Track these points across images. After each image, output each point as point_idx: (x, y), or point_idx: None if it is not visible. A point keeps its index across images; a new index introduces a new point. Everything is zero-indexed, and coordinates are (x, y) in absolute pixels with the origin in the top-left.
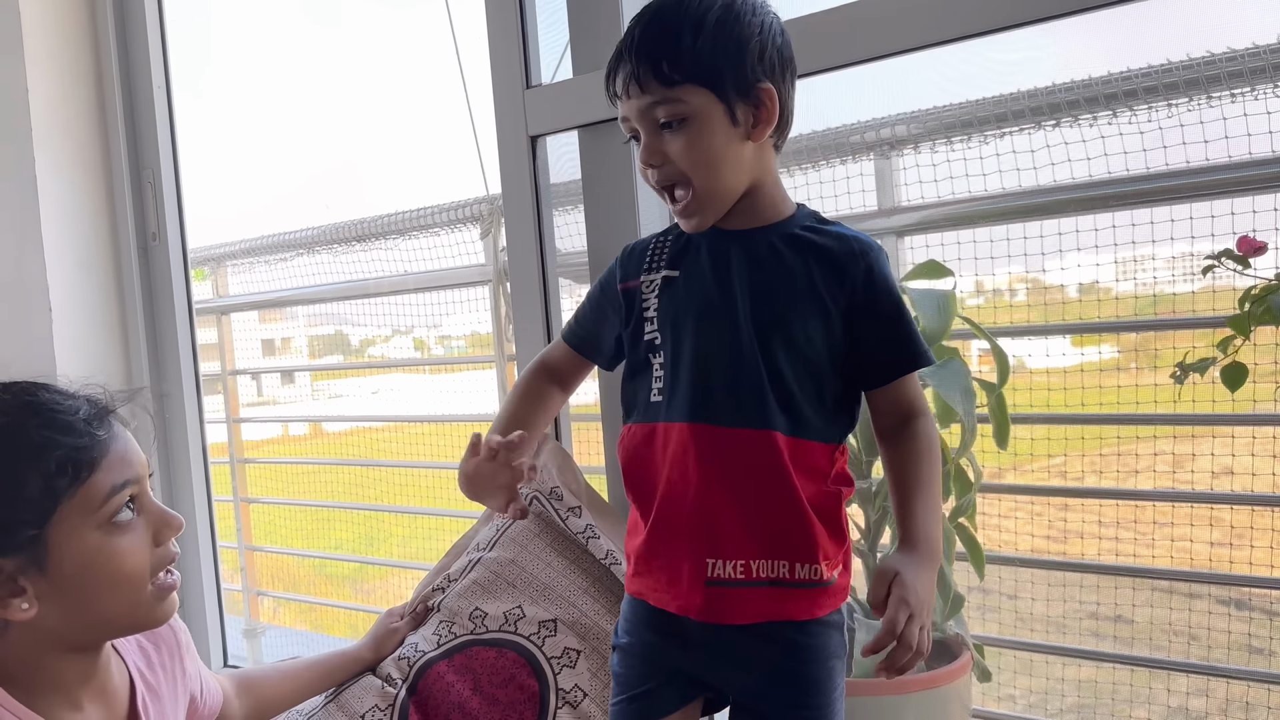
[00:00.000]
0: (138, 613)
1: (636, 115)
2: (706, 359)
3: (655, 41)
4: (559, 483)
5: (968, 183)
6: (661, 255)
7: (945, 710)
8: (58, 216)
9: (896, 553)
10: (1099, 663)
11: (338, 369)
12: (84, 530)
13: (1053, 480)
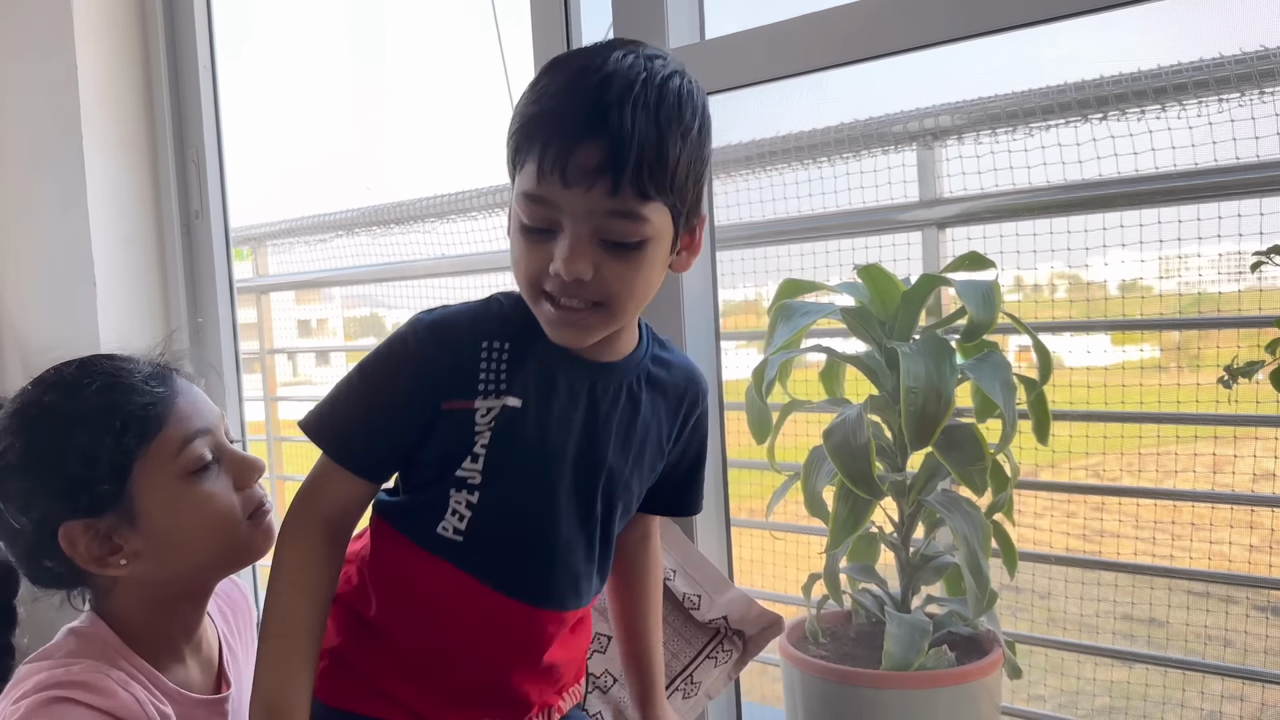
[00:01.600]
0: (235, 551)
1: (581, 213)
2: (565, 547)
3: (649, 139)
4: None
5: (1011, 175)
6: (499, 374)
7: (975, 706)
8: (103, 194)
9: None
10: (1131, 665)
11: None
12: (165, 482)
13: (1088, 480)
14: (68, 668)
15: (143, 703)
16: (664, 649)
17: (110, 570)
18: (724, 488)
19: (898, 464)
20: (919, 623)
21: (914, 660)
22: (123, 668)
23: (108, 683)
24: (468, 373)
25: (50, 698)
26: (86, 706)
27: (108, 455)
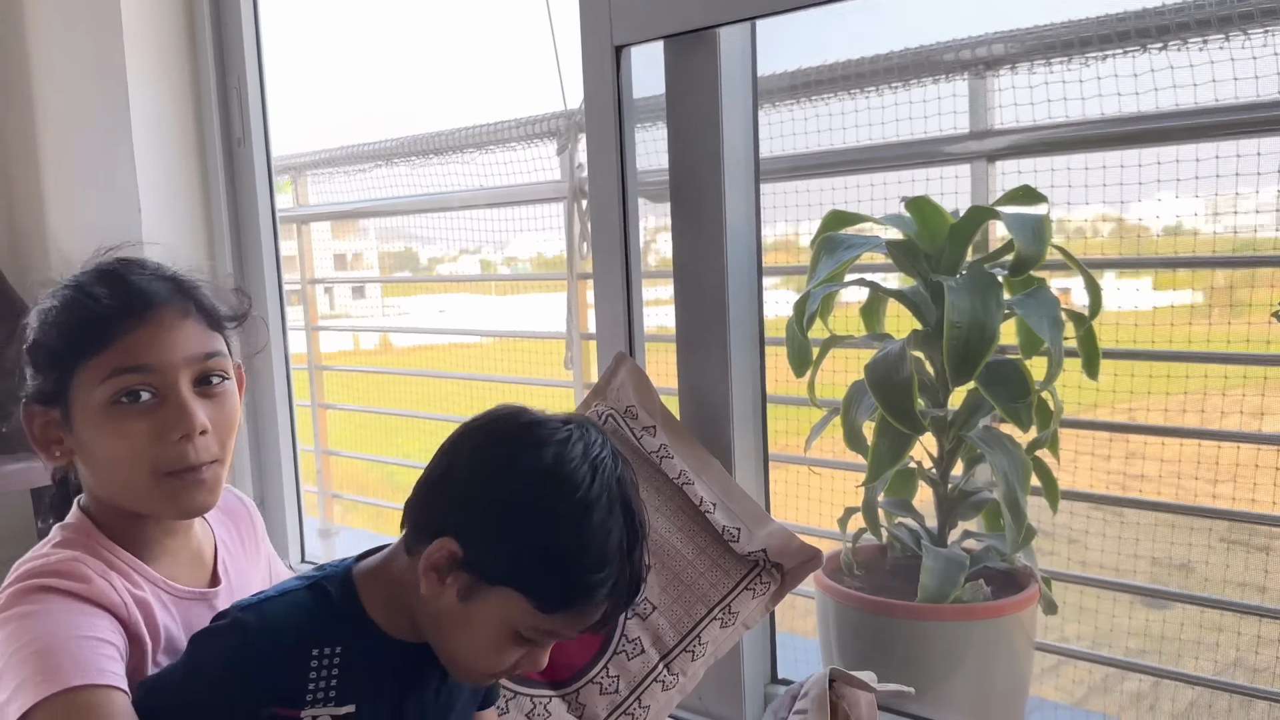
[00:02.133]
0: (143, 500)
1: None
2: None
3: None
4: (634, 401)
5: (1065, 107)
6: (329, 682)
7: (1010, 640)
8: (147, 121)
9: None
10: (1163, 607)
11: (414, 281)
12: (91, 402)
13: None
14: (47, 558)
15: (119, 590)
16: (703, 580)
17: (51, 459)
18: (762, 423)
19: (939, 399)
20: (956, 556)
21: (950, 593)
22: (103, 557)
23: (84, 570)
24: (295, 681)
25: (29, 586)
26: (62, 592)
27: (49, 355)
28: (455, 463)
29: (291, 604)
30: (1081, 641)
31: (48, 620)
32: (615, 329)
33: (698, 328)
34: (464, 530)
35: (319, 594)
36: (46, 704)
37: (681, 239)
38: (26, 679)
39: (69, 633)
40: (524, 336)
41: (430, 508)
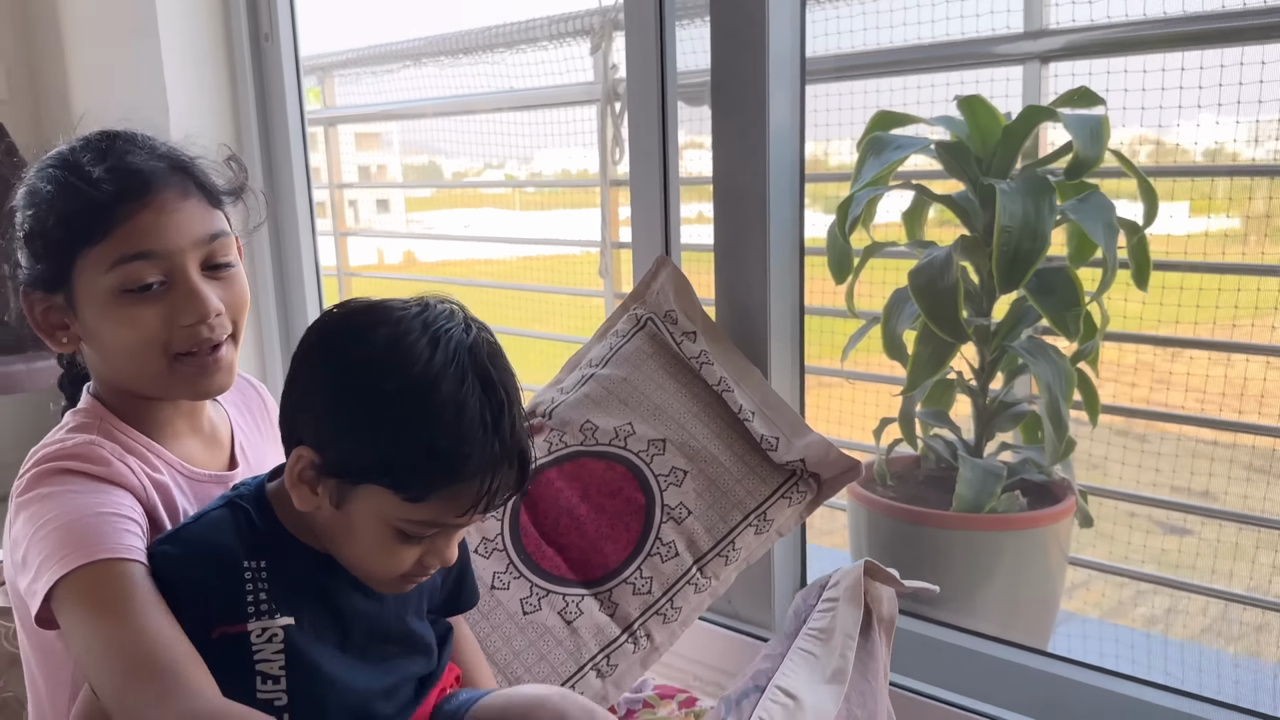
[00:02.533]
0: (157, 384)
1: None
2: (387, 698)
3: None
4: (674, 306)
5: (1125, 6)
6: (264, 594)
7: (1044, 551)
8: (174, 15)
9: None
10: (1182, 535)
11: (441, 186)
12: (99, 288)
13: (1160, 353)
14: (63, 443)
15: (136, 472)
16: (739, 487)
17: (56, 345)
18: (800, 335)
19: (983, 309)
20: (993, 467)
21: (985, 504)
22: (119, 440)
23: (101, 452)
24: (232, 596)
25: (46, 469)
26: (80, 474)
27: (45, 245)
28: (297, 367)
29: (210, 524)
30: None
31: (67, 500)
32: (651, 236)
33: (737, 236)
34: (315, 435)
35: (236, 511)
36: (70, 579)
37: (722, 142)
38: (49, 556)
39: (89, 510)
40: (553, 243)
41: (284, 421)
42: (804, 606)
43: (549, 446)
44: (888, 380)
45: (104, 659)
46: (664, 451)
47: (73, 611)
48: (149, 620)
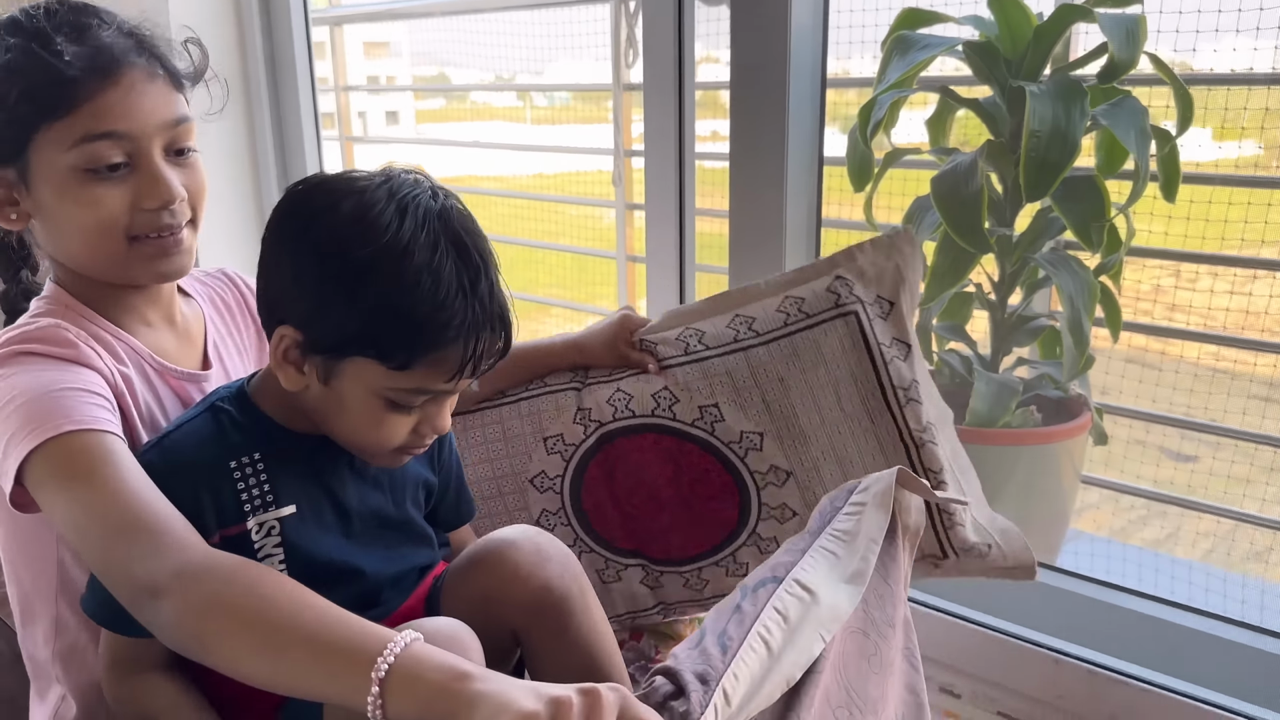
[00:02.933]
0: (113, 266)
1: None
2: (386, 585)
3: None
4: (899, 299)
5: None
6: (262, 488)
7: (1056, 468)
8: None
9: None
10: (1189, 462)
11: (453, 90)
12: (58, 165)
13: (1179, 278)
14: (25, 327)
15: (103, 357)
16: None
17: (4, 220)
18: (816, 246)
19: (1006, 218)
20: (1009, 381)
21: (999, 418)
22: (84, 327)
23: (67, 335)
24: (227, 498)
25: (9, 352)
26: (46, 356)
27: (6, 116)
28: (268, 249)
29: (193, 431)
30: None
31: (31, 377)
32: (665, 144)
33: (754, 139)
34: (294, 313)
35: (218, 414)
36: (40, 453)
37: (741, 38)
38: (15, 433)
39: (54, 386)
40: (566, 150)
41: (262, 305)
42: (830, 508)
43: (656, 402)
44: None
45: (87, 525)
46: (783, 485)
47: (48, 485)
48: (128, 482)
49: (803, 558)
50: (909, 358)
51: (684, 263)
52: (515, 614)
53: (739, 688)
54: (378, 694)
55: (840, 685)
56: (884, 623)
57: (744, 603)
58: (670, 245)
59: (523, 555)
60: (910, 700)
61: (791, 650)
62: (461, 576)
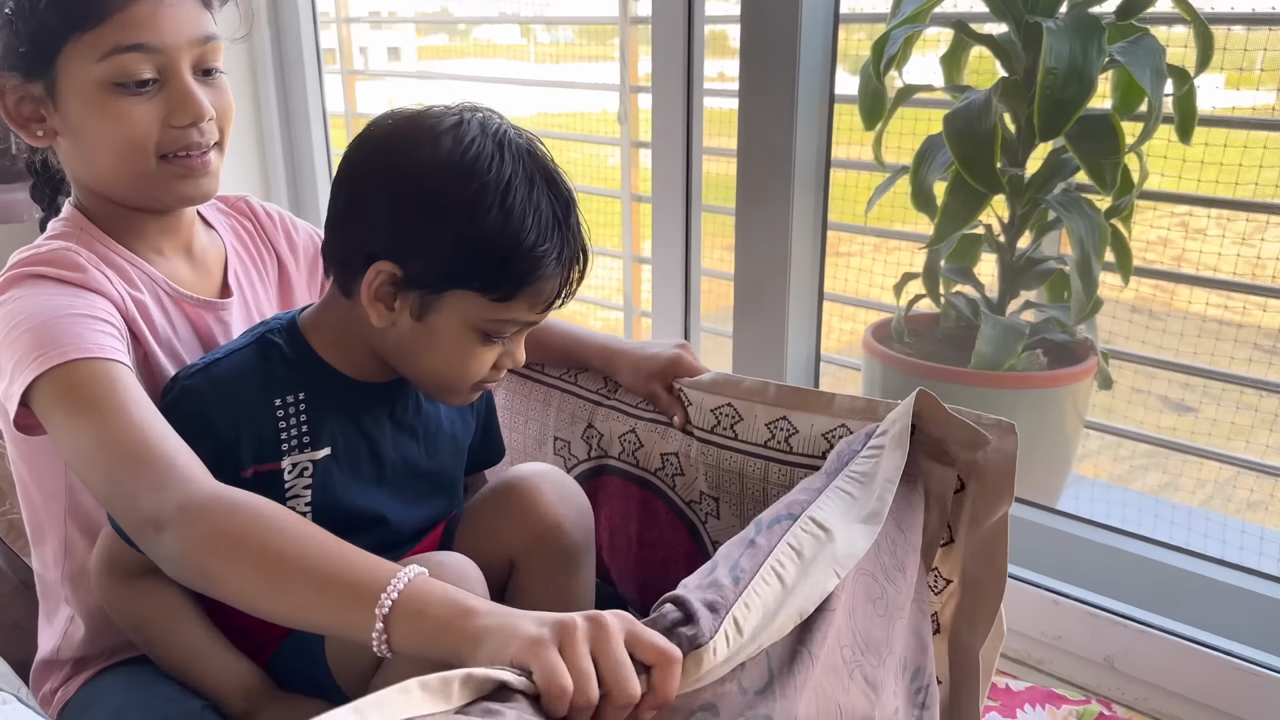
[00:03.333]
0: (141, 185)
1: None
2: (406, 532)
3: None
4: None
5: None
6: (300, 428)
7: (1060, 412)
8: None
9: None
10: (1188, 414)
11: (453, 22)
12: (86, 79)
13: (1187, 225)
14: (37, 249)
15: (114, 282)
16: None
17: (31, 137)
18: (825, 185)
19: (1018, 159)
20: (1015, 324)
21: (1005, 361)
22: (97, 251)
23: (76, 259)
24: (266, 434)
25: (19, 274)
26: (54, 279)
27: (30, 26)
28: (356, 186)
29: (240, 362)
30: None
31: (39, 302)
32: (672, 78)
33: (764, 74)
34: (394, 249)
35: (267, 346)
36: (46, 379)
37: None
38: (22, 358)
39: (62, 312)
40: (571, 86)
41: (350, 240)
42: (848, 451)
43: (663, 463)
44: (908, 238)
45: (91, 454)
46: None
47: (54, 411)
48: (134, 413)
49: (818, 497)
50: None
51: (690, 203)
52: (521, 542)
53: (750, 617)
54: (382, 629)
55: (849, 626)
56: (894, 568)
57: (758, 537)
58: (677, 185)
59: (546, 488)
60: (914, 644)
61: (805, 585)
62: (481, 502)
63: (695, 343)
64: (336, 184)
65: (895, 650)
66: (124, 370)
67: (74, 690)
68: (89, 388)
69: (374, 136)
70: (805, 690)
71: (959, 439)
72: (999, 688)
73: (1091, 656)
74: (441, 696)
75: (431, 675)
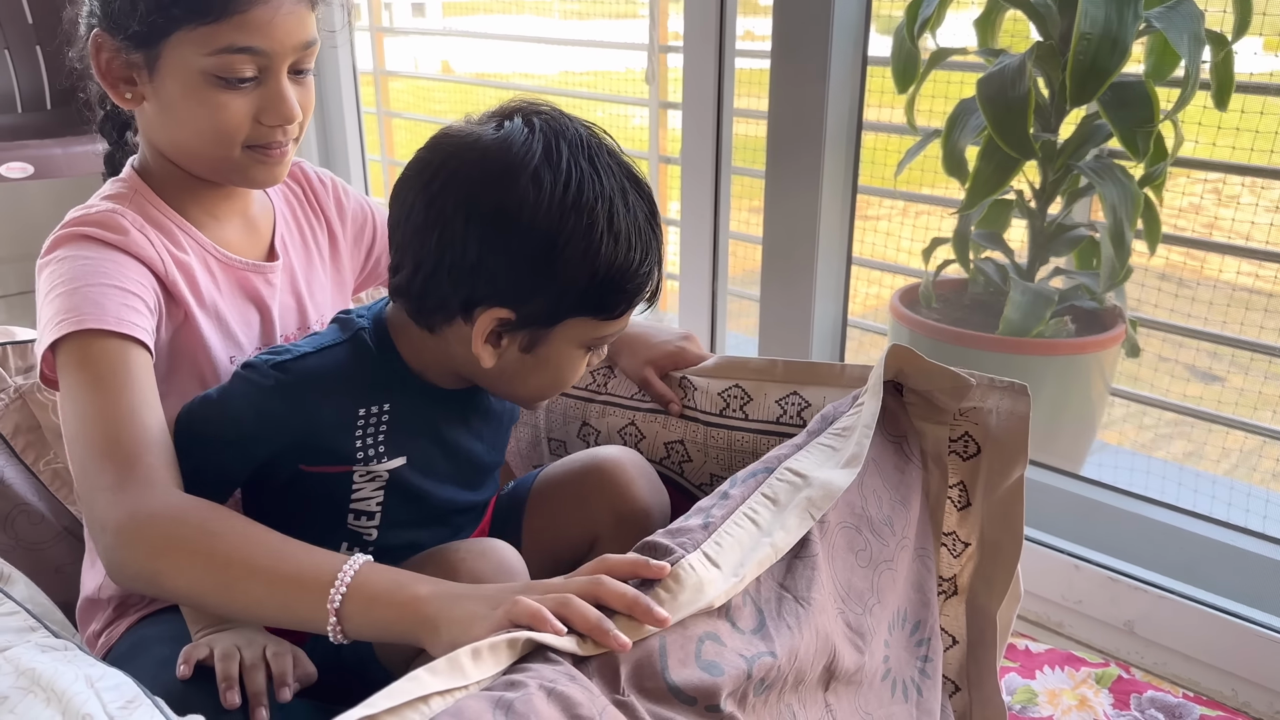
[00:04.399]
0: (218, 168)
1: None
2: (464, 521)
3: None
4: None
5: None
6: (377, 439)
7: (1086, 379)
8: None
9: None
10: (1214, 383)
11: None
12: (191, 66)
13: (1220, 192)
14: (89, 208)
15: (155, 245)
16: None
17: (118, 97)
18: (856, 147)
19: (1050, 124)
20: (1044, 291)
21: (1033, 327)
22: (145, 213)
23: (121, 221)
24: (343, 444)
25: (67, 234)
26: (98, 241)
27: (148, 4)
28: (450, 233)
29: (332, 362)
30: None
31: (78, 265)
32: (706, 35)
33: (797, 35)
34: (505, 297)
35: (359, 348)
36: (66, 343)
37: None
38: (51, 318)
39: (96, 280)
40: (599, 45)
41: (441, 287)
42: (833, 413)
43: (667, 452)
44: (940, 202)
45: (74, 433)
46: None
47: (62, 375)
48: (124, 401)
49: (797, 452)
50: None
51: (720, 165)
52: (608, 525)
53: (724, 555)
54: (336, 621)
55: (829, 574)
56: (881, 522)
57: (731, 490)
58: (707, 146)
59: (635, 474)
60: (915, 599)
61: (779, 525)
62: (562, 481)
63: (722, 306)
64: (421, 229)
65: (886, 601)
66: (136, 350)
67: (119, 634)
68: (96, 364)
69: (459, 177)
70: (805, 629)
71: (943, 387)
72: (1019, 649)
73: (1112, 621)
74: (451, 676)
75: (437, 660)
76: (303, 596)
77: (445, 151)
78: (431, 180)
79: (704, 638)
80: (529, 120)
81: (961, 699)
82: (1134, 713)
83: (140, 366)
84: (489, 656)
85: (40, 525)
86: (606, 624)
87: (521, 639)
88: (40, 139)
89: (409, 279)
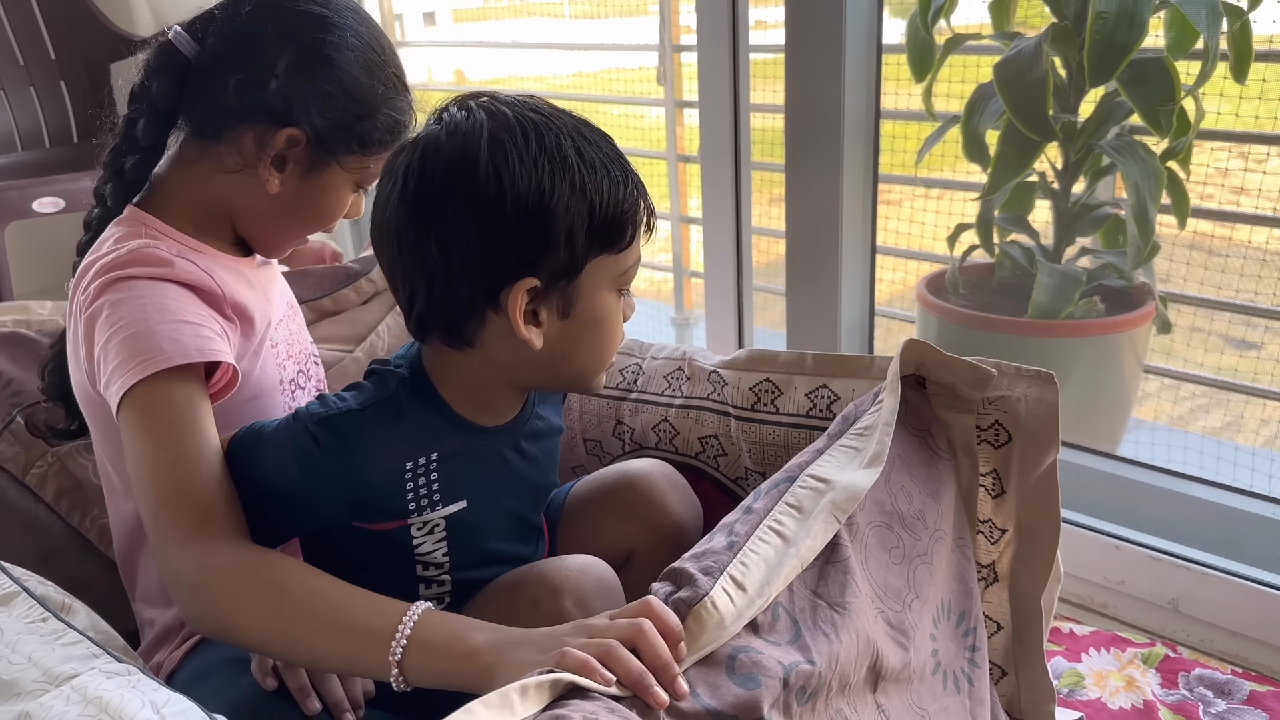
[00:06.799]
0: (280, 240)
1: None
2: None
3: None
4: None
5: None
6: (431, 488)
7: (1119, 357)
8: None
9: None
10: (1250, 350)
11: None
12: (338, 176)
13: (1246, 159)
14: (116, 252)
15: (198, 265)
16: None
17: (268, 179)
18: (875, 137)
19: (1070, 105)
20: (1072, 272)
21: (1062, 309)
22: (171, 239)
23: (157, 253)
24: (393, 501)
25: (110, 279)
26: (147, 278)
27: (348, 117)
28: (447, 235)
29: (373, 421)
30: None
31: (135, 307)
32: (719, 29)
33: (810, 26)
34: (523, 263)
35: (400, 399)
36: (134, 391)
37: None
38: (120, 364)
39: (156, 319)
40: (611, 48)
41: (467, 286)
42: (855, 413)
43: (703, 447)
44: (961, 187)
45: (144, 480)
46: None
47: (128, 427)
48: (192, 450)
49: (819, 457)
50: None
51: (739, 161)
52: (645, 542)
53: (750, 574)
54: (398, 673)
55: (864, 575)
56: (912, 517)
57: (755, 503)
58: (725, 142)
59: (667, 488)
60: (958, 589)
61: (805, 534)
62: (595, 496)
63: (747, 301)
64: (416, 246)
65: (925, 595)
66: (198, 391)
67: (179, 657)
68: (163, 412)
69: (429, 178)
70: (843, 634)
71: (965, 379)
72: (1063, 632)
73: (1156, 600)
74: (502, 710)
75: (489, 694)
76: (365, 650)
77: (403, 168)
78: (404, 197)
79: (735, 653)
80: (461, 105)
81: (1008, 683)
82: (1182, 691)
83: (205, 413)
84: (534, 694)
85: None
86: (648, 680)
87: (565, 680)
88: (70, 172)
89: (427, 300)
